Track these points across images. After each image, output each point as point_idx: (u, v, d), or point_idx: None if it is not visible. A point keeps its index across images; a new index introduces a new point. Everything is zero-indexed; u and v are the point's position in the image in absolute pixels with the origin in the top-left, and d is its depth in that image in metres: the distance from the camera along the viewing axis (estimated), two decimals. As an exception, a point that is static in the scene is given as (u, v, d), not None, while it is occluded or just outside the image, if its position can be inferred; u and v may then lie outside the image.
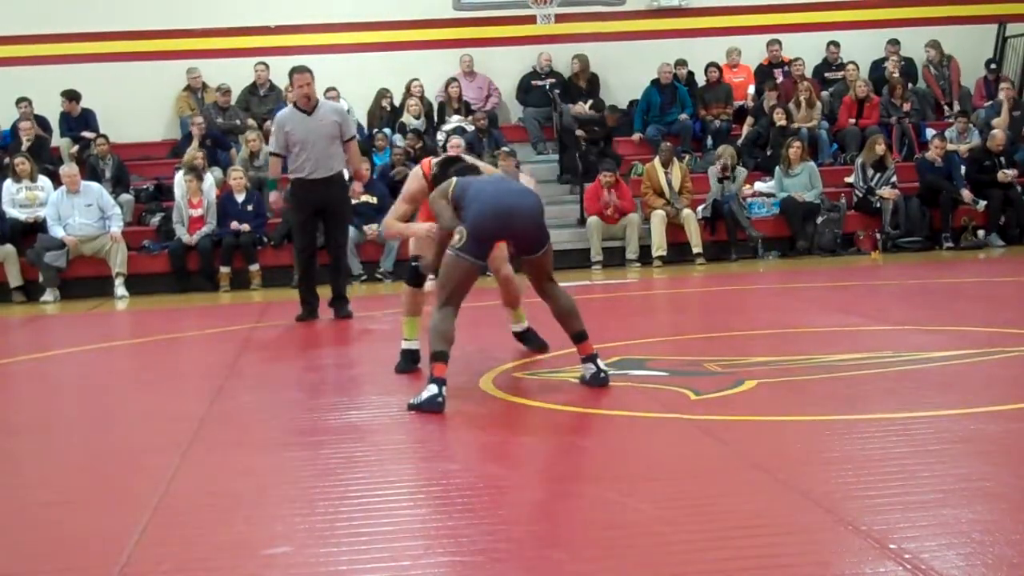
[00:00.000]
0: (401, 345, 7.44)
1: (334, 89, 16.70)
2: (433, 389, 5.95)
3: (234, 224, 14.37)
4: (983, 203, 15.30)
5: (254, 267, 14.48)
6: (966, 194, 15.29)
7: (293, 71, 10.50)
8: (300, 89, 10.35)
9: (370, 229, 14.49)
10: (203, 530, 4.14)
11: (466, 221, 6.26)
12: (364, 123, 16.94)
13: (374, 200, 14.61)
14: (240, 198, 14.63)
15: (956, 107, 17.51)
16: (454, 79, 17.07)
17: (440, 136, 16.20)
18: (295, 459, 5.23)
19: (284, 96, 16.52)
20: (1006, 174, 15.38)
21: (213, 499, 4.56)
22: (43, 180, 14.68)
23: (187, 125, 16.10)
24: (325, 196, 10.34)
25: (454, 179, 6.58)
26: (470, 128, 16.44)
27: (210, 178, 14.94)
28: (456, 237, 6.27)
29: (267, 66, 16.92)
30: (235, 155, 15.85)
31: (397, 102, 17.01)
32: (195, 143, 15.38)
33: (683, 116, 16.92)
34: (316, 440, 5.55)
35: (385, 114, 16.88)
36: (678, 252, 15.00)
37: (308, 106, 10.34)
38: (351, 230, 14.49)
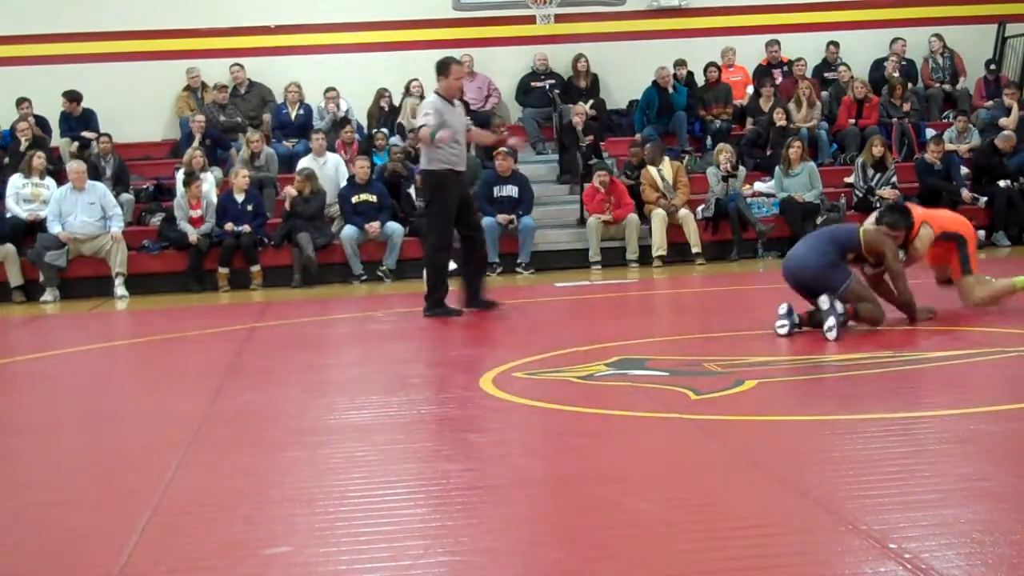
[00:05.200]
0: None
1: (333, 89, 16.73)
2: None
3: (229, 226, 14.35)
4: (983, 199, 15.31)
5: (255, 268, 14.47)
6: (966, 194, 15.30)
7: (452, 62, 10.32)
8: (458, 81, 10.31)
9: (371, 227, 14.49)
10: (203, 530, 4.14)
11: None
12: (364, 123, 16.95)
13: (374, 198, 14.66)
14: (240, 198, 14.62)
15: (961, 84, 17.53)
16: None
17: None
18: (295, 459, 5.23)
19: (270, 95, 16.65)
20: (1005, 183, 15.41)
21: (213, 499, 4.56)
22: (48, 179, 14.69)
23: (187, 125, 16.10)
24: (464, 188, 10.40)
25: None
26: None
27: (210, 178, 14.95)
28: None
29: (242, 67, 16.97)
30: (235, 155, 15.86)
31: (396, 102, 17.01)
32: (195, 143, 15.38)
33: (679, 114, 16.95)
34: (316, 440, 5.55)
35: (384, 114, 16.88)
36: (677, 252, 15.00)
37: (456, 98, 10.30)
38: (353, 229, 14.53)
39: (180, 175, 14.96)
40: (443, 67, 10.26)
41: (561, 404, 6.06)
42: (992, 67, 17.88)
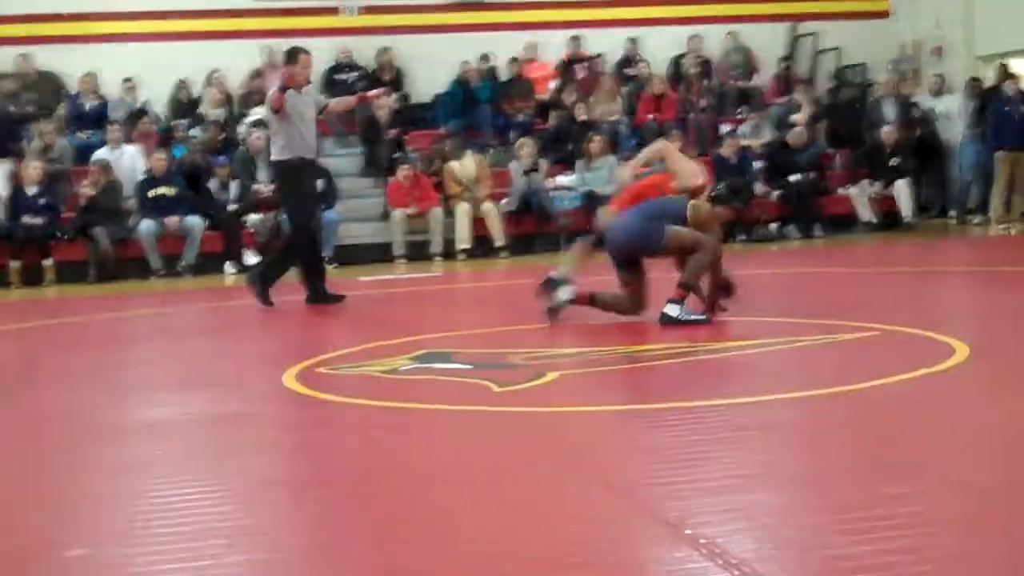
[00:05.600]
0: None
1: (130, 80, 16.32)
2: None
3: (25, 218, 13.89)
4: (776, 192, 15.82)
5: (47, 262, 14.03)
6: (760, 188, 15.79)
7: (299, 52, 10.28)
8: (305, 71, 10.30)
9: (170, 221, 14.21)
10: (-6, 534, 4.00)
11: None
12: (162, 115, 16.59)
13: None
14: (32, 191, 14.15)
15: (755, 81, 18.09)
16: (258, 70, 16.84)
17: (241, 128, 15.97)
18: (92, 458, 5.09)
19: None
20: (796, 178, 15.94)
21: (5, 502, 4.40)
22: None
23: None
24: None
25: None
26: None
27: (0, 170, 14.44)
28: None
29: (25, 56, 16.45)
30: (27, 146, 15.34)
31: (196, 93, 16.69)
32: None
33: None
34: (113, 439, 5.42)
35: (183, 105, 16.55)
36: (481, 246, 15.10)
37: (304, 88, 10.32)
38: (150, 223, 14.21)
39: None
40: (292, 55, 10.29)
41: (365, 399, 6.04)
42: (784, 65, 18.48)
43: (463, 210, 15.00)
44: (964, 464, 4.32)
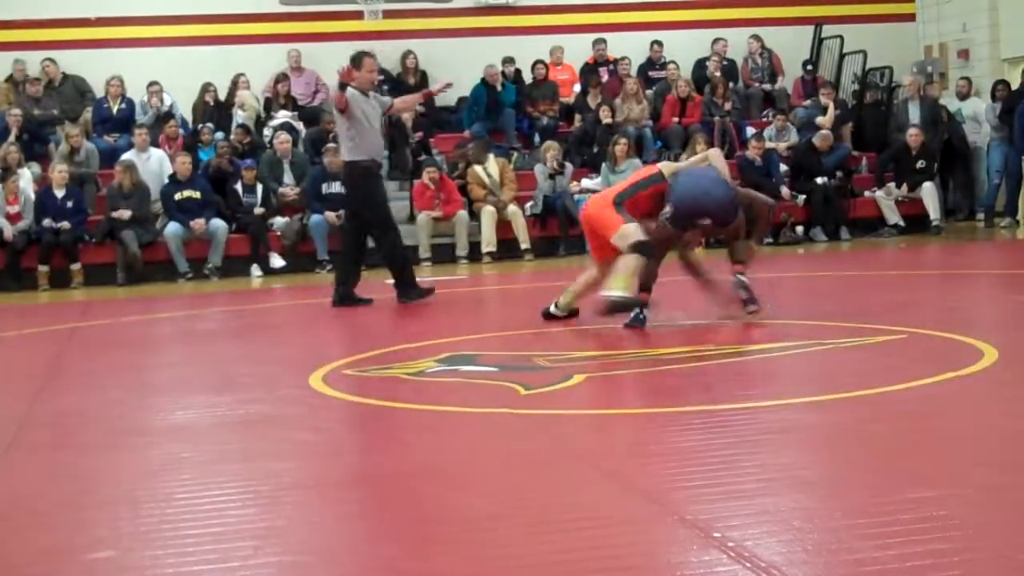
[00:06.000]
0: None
1: (156, 83, 16.39)
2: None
3: (46, 222, 13.95)
4: (802, 197, 15.79)
5: (75, 266, 14.10)
6: (785, 191, 15.75)
7: (363, 55, 10.44)
8: (371, 74, 10.49)
9: (196, 224, 14.26)
10: (20, 535, 4.02)
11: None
12: (188, 118, 16.65)
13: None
14: (60, 194, 14.23)
15: (779, 83, 18.06)
16: (283, 74, 16.91)
17: (267, 132, 16.03)
18: (119, 461, 5.12)
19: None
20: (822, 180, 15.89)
21: (32, 503, 4.43)
22: None
23: (3, 119, 15.60)
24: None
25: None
26: (298, 124, 16.30)
27: (27, 173, 14.51)
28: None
29: (53, 61, 16.54)
30: (53, 149, 15.42)
31: (223, 97, 16.75)
32: (11, 137, 14.92)
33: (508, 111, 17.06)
34: (141, 441, 5.45)
35: (209, 109, 16.61)
36: (506, 249, 15.11)
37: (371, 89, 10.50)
38: (177, 226, 14.28)
39: (-5, 171, 14.50)
40: (356, 60, 10.39)
41: (392, 401, 6.06)
42: (809, 67, 18.43)
43: (488, 213, 15.02)
44: (991, 468, 4.30)
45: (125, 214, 14.09)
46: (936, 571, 3.19)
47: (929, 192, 16.04)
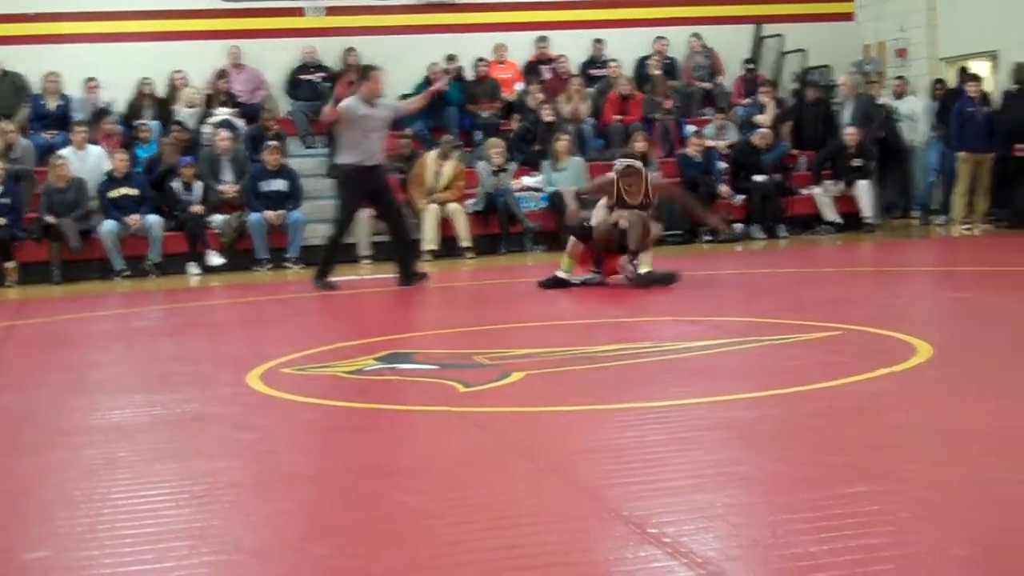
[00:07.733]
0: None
1: (94, 79, 16.24)
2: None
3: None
4: (741, 197, 15.90)
5: (10, 264, 13.94)
6: (724, 189, 15.86)
7: (370, 69, 11.67)
8: (377, 85, 11.48)
9: (132, 220, 14.15)
10: (-46, 537, 3.98)
11: None
12: (121, 115, 16.50)
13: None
14: (-7, 191, 14.06)
15: (719, 82, 18.19)
16: (223, 71, 16.79)
17: (206, 129, 15.91)
18: (55, 461, 5.06)
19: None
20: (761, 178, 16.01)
21: (-35, 504, 4.38)
22: None
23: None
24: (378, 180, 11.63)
25: None
26: (238, 121, 16.19)
27: (-37, 171, 14.33)
28: None
29: None
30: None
31: (162, 93, 16.62)
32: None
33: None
34: (77, 441, 5.39)
35: (147, 105, 16.46)
36: (447, 246, 15.10)
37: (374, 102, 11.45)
38: (113, 223, 14.14)
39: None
40: (364, 73, 11.77)
41: (330, 399, 6.04)
42: (749, 66, 18.57)
43: (430, 211, 14.99)
44: (924, 463, 4.36)
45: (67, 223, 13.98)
46: (869, 565, 3.22)
47: (864, 190, 16.20)
